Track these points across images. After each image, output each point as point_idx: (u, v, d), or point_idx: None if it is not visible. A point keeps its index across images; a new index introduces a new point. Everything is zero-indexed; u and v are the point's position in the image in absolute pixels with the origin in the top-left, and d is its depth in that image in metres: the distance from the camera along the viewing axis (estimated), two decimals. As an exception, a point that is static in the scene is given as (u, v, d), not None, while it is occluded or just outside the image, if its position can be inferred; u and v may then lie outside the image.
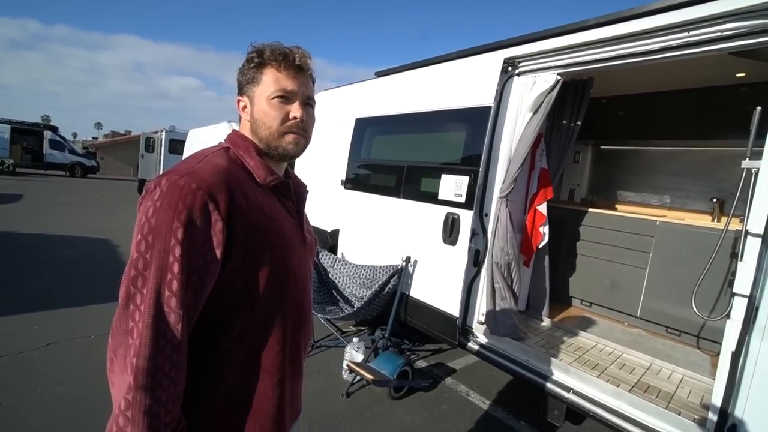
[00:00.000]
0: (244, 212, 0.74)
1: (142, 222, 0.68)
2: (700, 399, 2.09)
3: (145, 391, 0.65)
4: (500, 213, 2.53)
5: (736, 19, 1.70)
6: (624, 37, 2.07)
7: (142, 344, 0.65)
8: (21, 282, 4.11)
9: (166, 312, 0.67)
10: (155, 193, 0.69)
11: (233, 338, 0.77)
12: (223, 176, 0.74)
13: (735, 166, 2.36)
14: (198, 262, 0.69)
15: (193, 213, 0.68)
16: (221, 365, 0.77)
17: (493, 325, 2.55)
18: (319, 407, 2.45)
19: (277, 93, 0.81)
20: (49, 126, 19.13)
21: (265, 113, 0.82)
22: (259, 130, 0.83)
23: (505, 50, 2.60)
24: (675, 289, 2.77)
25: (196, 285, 0.70)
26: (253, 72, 0.82)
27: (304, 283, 0.91)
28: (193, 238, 0.68)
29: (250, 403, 0.80)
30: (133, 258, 0.68)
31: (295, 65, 0.82)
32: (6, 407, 2.18)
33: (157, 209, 0.68)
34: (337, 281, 3.43)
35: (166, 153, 12.15)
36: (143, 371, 0.65)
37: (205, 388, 0.76)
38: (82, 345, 2.95)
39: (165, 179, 0.70)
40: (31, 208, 8.60)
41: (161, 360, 0.66)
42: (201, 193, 0.69)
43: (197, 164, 0.75)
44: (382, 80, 3.73)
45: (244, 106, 0.86)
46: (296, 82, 0.82)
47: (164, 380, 0.66)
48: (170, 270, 0.67)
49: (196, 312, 0.72)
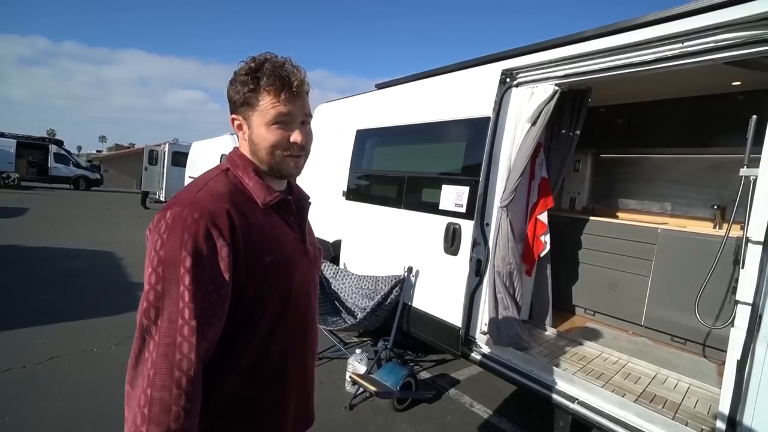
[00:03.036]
0: (246, 235, 0.76)
1: (152, 255, 0.71)
2: (708, 408, 2.06)
3: (158, 425, 0.65)
4: (501, 222, 2.54)
5: (729, 30, 1.73)
6: (620, 48, 2.10)
7: (156, 374, 0.66)
8: (25, 295, 4.12)
9: (179, 341, 0.68)
10: (161, 225, 0.71)
11: (238, 351, 0.79)
12: (223, 202, 0.75)
13: (735, 173, 2.37)
14: (208, 288, 0.71)
15: (198, 241, 0.70)
16: (225, 376, 0.78)
17: (496, 335, 2.54)
18: (322, 419, 2.41)
19: (276, 119, 0.80)
20: (54, 140, 19.37)
21: (264, 139, 0.82)
22: (260, 154, 0.84)
23: (503, 62, 2.64)
24: (679, 297, 2.76)
25: (208, 311, 0.71)
26: (248, 94, 0.80)
27: (308, 296, 0.92)
28: (202, 266, 0.70)
29: (252, 414, 0.82)
30: (145, 290, 0.70)
31: (292, 92, 0.80)
32: (8, 423, 2.17)
33: (165, 242, 0.70)
34: (339, 292, 3.43)
35: (169, 165, 12.25)
36: (157, 402, 0.65)
37: (208, 399, 0.77)
38: (85, 359, 2.95)
39: (169, 212, 0.72)
40: (35, 222, 8.66)
41: (176, 392, 0.66)
42: (204, 222, 0.71)
43: (197, 193, 0.76)
44: (382, 92, 3.78)
45: (239, 125, 0.85)
46: (295, 105, 0.81)
47: (177, 413, 0.66)
48: (182, 299, 0.68)
49: (214, 336, 0.73)
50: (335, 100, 4.62)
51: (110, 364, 2.87)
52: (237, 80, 0.81)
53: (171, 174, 12.13)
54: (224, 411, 0.78)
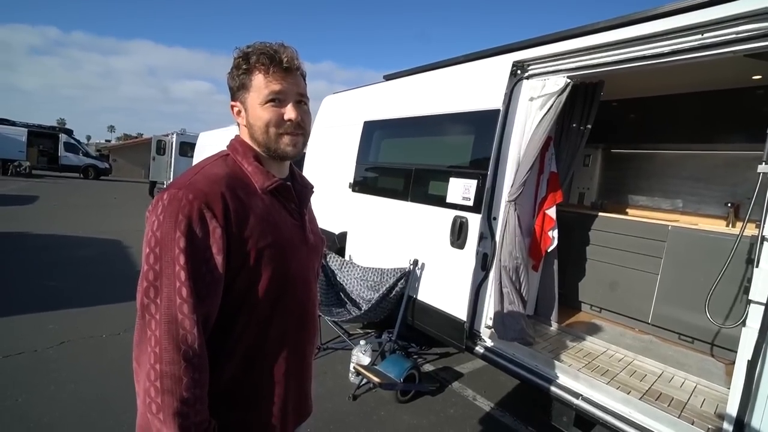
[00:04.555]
0: (241, 218, 0.76)
1: (149, 236, 0.72)
2: (715, 408, 2.04)
3: (172, 395, 0.68)
4: (509, 217, 2.51)
5: (752, 21, 1.67)
6: (634, 40, 2.05)
7: (163, 350, 0.68)
8: (36, 282, 4.20)
9: (180, 318, 0.70)
10: (158, 207, 0.73)
11: (234, 337, 0.80)
12: (219, 185, 0.76)
13: (751, 170, 2.30)
14: (202, 269, 0.72)
15: (192, 222, 0.71)
16: (222, 362, 0.78)
17: (501, 329, 2.53)
18: (325, 409, 2.45)
19: (268, 97, 0.81)
20: (64, 129, 19.61)
21: (259, 118, 0.83)
22: (256, 135, 0.84)
23: (514, 53, 2.59)
24: (688, 296, 2.71)
25: (202, 291, 0.72)
26: (242, 78, 0.82)
27: (307, 284, 0.91)
28: (195, 246, 0.71)
29: (249, 400, 0.83)
30: (144, 270, 0.71)
31: (282, 67, 0.81)
32: (21, 404, 2.22)
33: (161, 222, 0.71)
34: (344, 283, 3.44)
35: (177, 155, 12.32)
36: (168, 375, 0.68)
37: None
38: (93, 344, 3.01)
39: (166, 194, 0.74)
40: (45, 210, 8.80)
41: (184, 364, 0.69)
42: (198, 203, 0.72)
43: (194, 176, 0.77)
44: (390, 83, 3.74)
45: (239, 111, 0.86)
46: (286, 83, 0.82)
47: (189, 383, 0.69)
48: (178, 278, 0.70)
49: (211, 315, 0.75)
50: (343, 91, 4.58)
51: (118, 350, 2.92)
52: (233, 67, 0.84)
53: (178, 164, 12.19)
54: (224, 395, 0.79)
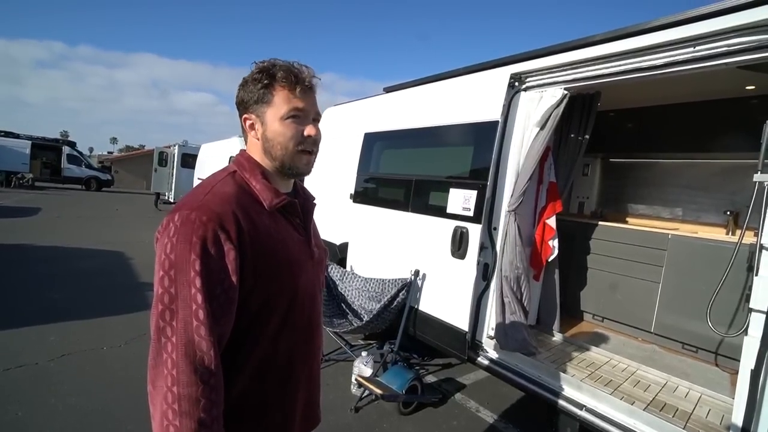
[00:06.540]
0: (253, 238, 0.77)
1: (162, 258, 0.72)
2: (720, 419, 2.02)
3: (190, 417, 0.68)
4: (509, 227, 2.53)
5: (742, 34, 1.71)
6: (629, 52, 2.09)
7: (180, 372, 0.68)
8: (38, 293, 4.20)
9: (197, 340, 0.70)
10: (170, 229, 0.73)
11: (245, 352, 0.80)
12: (231, 205, 0.77)
13: (748, 179, 2.33)
14: (217, 290, 0.72)
15: (207, 244, 0.71)
16: (233, 377, 0.79)
17: (503, 339, 2.52)
18: (327, 422, 2.41)
19: (291, 113, 0.82)
20: (67, 141, 19.78)
21: (279, 133, 0.83)
22: (273, 150, 0.85)
23: (511, 66, 2.64)
24: (690, 304, 2.71)
25: (217, 311, 0.72)
26: (262, 92, 0.82)
27: (314, 298, 0.93)
28: (210, 268, 0.72)
29: (259, 412, 0.83)
30: (158, 293, 0.71)
31: (305, 85, 0.84)
32: (21, 418, 2.21)
33: (174, 245, 0.71)
34: (346, 294, 3.44)
35: (179, 167, 12.42)
36: (186, 398, 0.68)
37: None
38: (95, 357, 2.99)
39: (177, 215, 0.74)
40: (48, 221, 8.83)
41: (201, 385, 0.69)
42: (212, 224, 0.72)
43: (205, 196, 0.77)
44: (390, 95, 3.80)
45: (252, 124, 0.86)
46: (308, 102, 0.85)
47: (206, 404, 0.69)
48: (194, 300, 0.70)
49: (225, 334, 0.76)
50: (344, 103, 4.65)
51: (119, 363, 2.91)
52: (249, 81, 0.84)
53: (180, 175, 12.29)
54: (234, 409, 0.79)
